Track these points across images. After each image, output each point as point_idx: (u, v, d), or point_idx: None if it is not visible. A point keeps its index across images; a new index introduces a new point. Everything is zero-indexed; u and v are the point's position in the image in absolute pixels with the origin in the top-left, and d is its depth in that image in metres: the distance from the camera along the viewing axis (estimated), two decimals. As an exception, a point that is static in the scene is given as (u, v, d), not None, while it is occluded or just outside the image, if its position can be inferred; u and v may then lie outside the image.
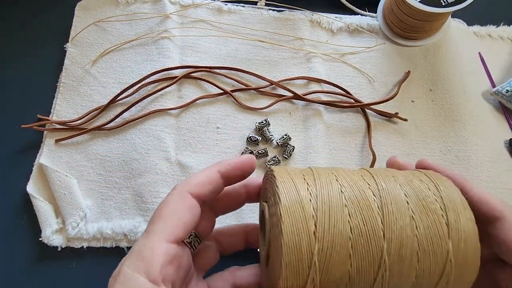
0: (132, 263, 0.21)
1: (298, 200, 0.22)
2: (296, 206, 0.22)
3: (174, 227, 0.23)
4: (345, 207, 0.22)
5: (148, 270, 0.20)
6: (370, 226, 0.22)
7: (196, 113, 0.42)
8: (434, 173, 0.26)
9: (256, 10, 0.47)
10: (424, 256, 0.22)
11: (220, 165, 0.26)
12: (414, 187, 0.24)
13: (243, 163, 0.27)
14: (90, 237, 0.36)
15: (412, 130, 0.43)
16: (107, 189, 0.39)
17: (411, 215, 0.22)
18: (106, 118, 0.41)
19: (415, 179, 0.25)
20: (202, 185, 0.25)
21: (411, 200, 0.23)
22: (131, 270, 0.20)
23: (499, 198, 0.25)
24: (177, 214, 0.23)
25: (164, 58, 0.43)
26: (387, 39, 0.47)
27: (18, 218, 0.38)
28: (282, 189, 0.22)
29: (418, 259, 0.22)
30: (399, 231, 0.22)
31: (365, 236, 0.21)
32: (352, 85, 0.44)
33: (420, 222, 0.22)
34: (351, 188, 0.23)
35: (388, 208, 0.22)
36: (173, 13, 0.46)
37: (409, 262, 0.21)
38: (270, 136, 0.41)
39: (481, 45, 0.48)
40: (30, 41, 0.45)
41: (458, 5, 0.40)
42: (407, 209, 0.22)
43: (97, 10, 0.46)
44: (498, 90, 0.44)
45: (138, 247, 0.22)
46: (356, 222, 0.22)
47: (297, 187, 0.23)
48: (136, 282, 0.20)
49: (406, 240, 0.22)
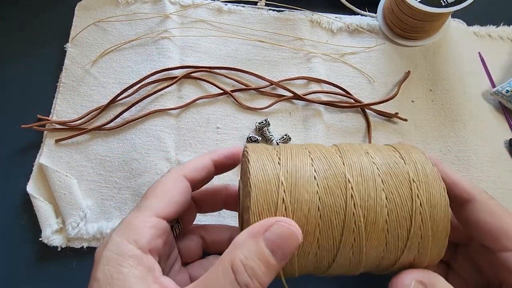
0: (122, 232, 0.21)
1: (266, 157, 0.24)
2: (264, 160, 0.23)
3: (166, 205, 0.23)
4: (308, 155, 0.24)
5: (137, 239, 0.21)
6: (333, 163, 0.23)
7: (196, 113, 0.42)
8: (408, 145, 0.27)
9: (256, 10, 0.47)
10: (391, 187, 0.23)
11: (213, 153, 0.28)
12: (383, 154, 0.25)
13: (233, 153, 0.28)
14: (90, 237, 0.36)
15: (412, 130, 0.43)
16: (107, 189, 0.39)
17: (376, 168, 0.23)
18: (106, 118, 0.41)
19: (386, 149, 0.26)
20: (196, 170, 0.26)
21: (377, 161, 0.24)
22: (120, 238, 0.21)
23: (470, 181, 0.26)
24: (170, 193, 0.24)
25: (164, 58, 0.43)
26: (387, 39, 0.47)
27: (18, 218, 0.38)
28: (253, 163, 0.23)
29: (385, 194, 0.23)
30: (360, 167, 0.23)
31: (328, 168, 0.23)
32: (352, 85, 0.44)
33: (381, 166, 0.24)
34: (317, 149, 0.25)
35: (349, 157, 0.24)
36: (173, 13, 0.46)
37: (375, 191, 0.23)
38: (270, 136, 0.41)
39: (481, 45, 0.48)
40: (30, 41, 0.45)
41: (458, 5, 0.40)
42: (370, 164, 0.24)
43: (97, 10, 0.46)
44: (498, 90, 0.44)
45: (129, 219, 0.22)
46: (319, 164, 0.23)
47: (267, 151, 0.24)
48: (125, 248, 0.20)
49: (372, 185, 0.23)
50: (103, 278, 0.20)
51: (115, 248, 0.21)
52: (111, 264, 0.20)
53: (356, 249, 0.22)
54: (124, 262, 0.20)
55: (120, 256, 0.20)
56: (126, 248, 0.20)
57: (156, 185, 0.25)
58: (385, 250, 0.23)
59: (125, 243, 0.21)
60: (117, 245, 0.21)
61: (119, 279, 0.19)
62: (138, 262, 0.20)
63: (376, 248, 0.22)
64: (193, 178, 0.26)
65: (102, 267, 0.20)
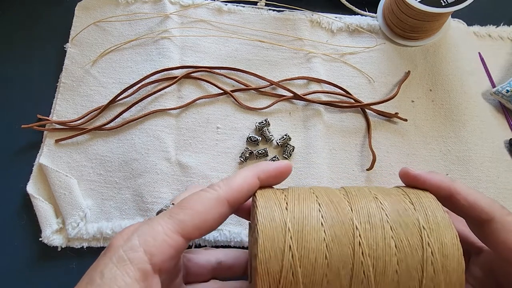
0: (143, 239, 0.21)
1: (275, 206, 0.23)
2: (272, 212, 0.22)
3: (196, 227, 0.22)
4: (316, 200, 0.23)
5: (154, 254, 0.20)
6: (341, 209, 0.22)
7: (196, 113, 0.42)
8: (417, 191, 0.25)
9: (256, 10, 0.47)
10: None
11: (259, 170, 0.25)
12: (392, 199, 0.24)
13: (281, 171, 0.26)
14: (90, 237, 0.36)
15: (412, 130, 0.43)
16: (107, 189, 0.39)
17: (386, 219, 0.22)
18: (106, 118, 0.41)
19: (395, 193, 0.25)
20: (240, 192, 0.24)
21: (387, 210, 0.23)
22: (139, 242, 0.20)
23: (489, 198, 0.25)
24: (205, 216, 0.22)
25: (164, 58, 0.43)
26: (387, 39, 0.47)
27: (18, 218, 0.38)
28: (260, 209, 0.22)
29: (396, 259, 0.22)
30: (373, 226, 0.22)
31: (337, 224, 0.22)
32: (352, 85, 0.44)
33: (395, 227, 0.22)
34: (324, 193, 0.24)
35: (357, 203, 0.23)
36: (173, 13, 0.46)
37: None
38: (270, 136, 0.41)
39: (481, 45, 0.48)
40: (30, 41, 0.45)
41: (458, 5, 0.40)
42: (380, 215, 0.23)
43: (97, 10, 0.46)
44: (498, 90, 0.44)
45: (156, 224, 0.22)
46: (326, 210, 0.22)
47: (275, 195, 0.23)
48: (138, 256, 0.20)
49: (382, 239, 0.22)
50: (108, 278, 0.19)
51: (130, 250, 0.20)
52: (119, 267, 0.20)
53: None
54: (131, 272, 0.20)
55: (130, 265, 0.20)
56: (139, 256, 0.20)
57: (197, 200, 0.23)
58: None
59: (141, 252, 0.20)
60: (133, 249, 0.20)
61: (118, 286, 0.19)
62: (144, 278, 0.20)
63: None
64: (235, 203, 0.24)
65: (112, 265, 0.20)
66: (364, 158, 0.41)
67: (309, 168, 0.40)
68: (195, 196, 0.23)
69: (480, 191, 0.26)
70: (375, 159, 0.40)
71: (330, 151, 0.41)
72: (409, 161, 0.41)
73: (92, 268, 0.21)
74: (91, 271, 0.21)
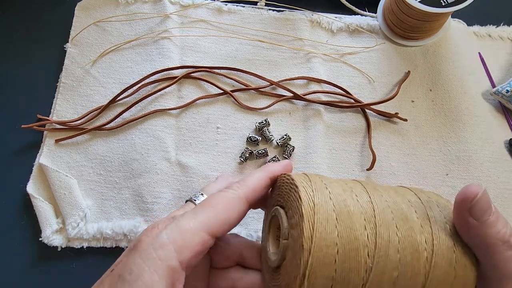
0: (172, 235, 0.21)
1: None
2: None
3: (221, 224, 0.23)
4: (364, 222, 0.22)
5: (182, 251, 0.21)
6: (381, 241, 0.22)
7: (196, 113, 0.42)
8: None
9: (256, 10, 0.47)
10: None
11: (270, 171, 0.27)
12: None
13: (288, 169, 0.27)
14: (90, 237, 0.36)
15: (412, 130, 0.43)
16: (107, 189, 0.39)
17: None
18: (106, 118, 0.41)
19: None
20: (256, 192, 0.26)
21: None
22: (168, 239, 0.21)
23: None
24: (228, 214, 0.24)
25: (164, 58, 0.43)
26: (387, 39, 0.47)
27: (18, 218, 0.38)
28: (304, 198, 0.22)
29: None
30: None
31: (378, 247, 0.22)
32: (352, 85, 0.44)
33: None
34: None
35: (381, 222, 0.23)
36: (173, 13, 0.46)
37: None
38: (270, 136, 0.41)
39: (481, 45, 0.48)
40: (30, 41, 0.45)
41: (458, 5, 0.40)
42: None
43: (97, 10, 0.46)
44: (498, 90, 0.44)
45: (184, 222, 0.22)
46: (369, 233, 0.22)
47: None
48: (167, 253, 0.21)
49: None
50: (136, 274, 0.20)
51: (159, 247, 0.21)
52: (148, 264, 0.20)
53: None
54: (159, 269, 0.20)
55: (159, 261, 0.20)
56: (168, 253, 0.21)
57: (219, 199, 0.24)
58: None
59: (170, 247, 0.21)
60: (162, 247, 0.21)
61: (147, 285, 0.19)
62: (171, 275, 0.20)
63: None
64: (252, 201, 0.26)
65: (140, 262, 0.20)
66: (364, 158, 0.41)
67: (309, 168, 0.40)
68: (216, 196, 0.25)
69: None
70: (375, 159, 0.40)
71: (330, 151, 0.41)
72: (409, 161, 0.41)
73: (120, 265, 0.21)
74: (118, 268, 0.21)
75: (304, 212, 0.21)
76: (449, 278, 0.22)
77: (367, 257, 0.21)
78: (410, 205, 0.24)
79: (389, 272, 0.21)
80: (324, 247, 0.21)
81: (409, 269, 0.21)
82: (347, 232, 0.21)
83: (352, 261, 0.21)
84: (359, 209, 0.22)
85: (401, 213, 0.23)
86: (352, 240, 0.21)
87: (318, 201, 0.22)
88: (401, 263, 0.21)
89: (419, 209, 0.23)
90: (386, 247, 0.21)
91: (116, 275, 0.21)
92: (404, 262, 0.21)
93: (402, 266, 0.21)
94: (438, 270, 0.22)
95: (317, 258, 0.20)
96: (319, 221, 0.21)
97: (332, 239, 0.21)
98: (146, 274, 0.20)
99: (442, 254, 0.22)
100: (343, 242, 0.21)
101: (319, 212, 0.21)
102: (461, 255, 0.22)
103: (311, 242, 0.21)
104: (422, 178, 0.41)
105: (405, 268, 0.21)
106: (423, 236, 0.22)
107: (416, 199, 0.24)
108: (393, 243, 0.21)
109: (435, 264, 0.22)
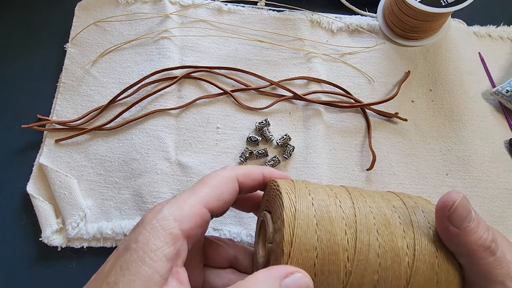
0: (173, 209, 0.23)
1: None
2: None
3: (216, 199, 0.25)
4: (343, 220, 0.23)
5: (183, 221, 0.23)
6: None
7: (196, 113, 0.42)
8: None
9: (256, 10, 0.47)
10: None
11: (265, 169, 0.28)
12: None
13: (282, 176, 0.29)
14: (90, 237, 0.36)
15: (412, 130, 0.43)
16: (107, 189, 0.39)
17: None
18: (106, 118, 0.41)
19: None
20: (248, 177, 0.27)
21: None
22: (169, 212, 0.23)
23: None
24: (221, 189, 0.25)
25: (164, 58, 0.43)
26: (387, 39, 0.47)
27: (18, 218, 0.38)
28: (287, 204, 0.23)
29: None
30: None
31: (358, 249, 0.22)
32: (352, 85, 0.44)
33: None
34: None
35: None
36: (173, 13, 0.46)
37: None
38: (270, 136, 0.41)
39: (481, 45, 0.48)
40: (30, 41, 0.45)
41: (458, 5, 0.40)
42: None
43: (97, 10, 0.46)
44: (498, 90, 0.44)
45: (183, 198, 0.24)
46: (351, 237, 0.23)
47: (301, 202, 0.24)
48: (169, 222, 0.22)
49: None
50: (142, 242, 0.21)
51: (161, 220, 0.22)
52: (152, 233, 0.22)
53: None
54: (162, 237, 0.22)
55: (162, 230, 0.22)
56: (170, 223, 0.22)
57: (212, 176, 0.26)
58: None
59: (172, 220, 0.22)
60: (164, 218, 0.22)
61: (152, 250, 0.21)
62: (174, 241, 0.22)
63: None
64: (243, 183, 0.27)
65: (145, 232, 0.22)
66: (364, 158, 0.41)
67: (309, 168, 0.40)
68: (211, 175, 0.26)
69: None
70: (375, 159, 0.40)
71: (330, 151, 0.41)
72: (409, 161, 0.41)
73: (125, 240, 0.23)
74: (124, 242, 0.23)
75: (285, 217, 0.22)
76: (432, 282, 0.22)
77: (347, 260, 0.22)
78: (395, 210, 0.24)
79: (369, 275, 0.22)
80: (303, 251, 0.21)
81: (390, 273, 0.22)
82: (327, 237, 0.22)
83: (332, 264, 0.22)
84: (341, 214, 0.23)
85: (384, 218, 0.23)
86: (332, 245, 0.22)
87: (300, 207, 0.23)
88: (381, 267, 0.22)
89: (402, 215, 0.24)
90: (366, 252, 0.22)
91: (122, 248, 0.22)
92: (385, 266, 0.22)
93: (382, 270, 0.22)
94: (419, 275, 0.22)
95: (297, 261, 0.21)
96: (299, 226, 0.22)
97: (312, 244, 0.22)
98: (150, 241, 0.21)
99: (424, 259, 0.22)
100: (322, 247, 0.22)
101: (299, 217, 0.22)
102: (444, 260, 0.23)
103: (290, 246, 0.21)
104: (422, 178, 0.41)
105: (386, 272, 0.22)
106: (405, 241, 0.23)
107: (401, 205, 0.25)
108: (374, 247, 0.22)
109: (416, 269, 0.22)
